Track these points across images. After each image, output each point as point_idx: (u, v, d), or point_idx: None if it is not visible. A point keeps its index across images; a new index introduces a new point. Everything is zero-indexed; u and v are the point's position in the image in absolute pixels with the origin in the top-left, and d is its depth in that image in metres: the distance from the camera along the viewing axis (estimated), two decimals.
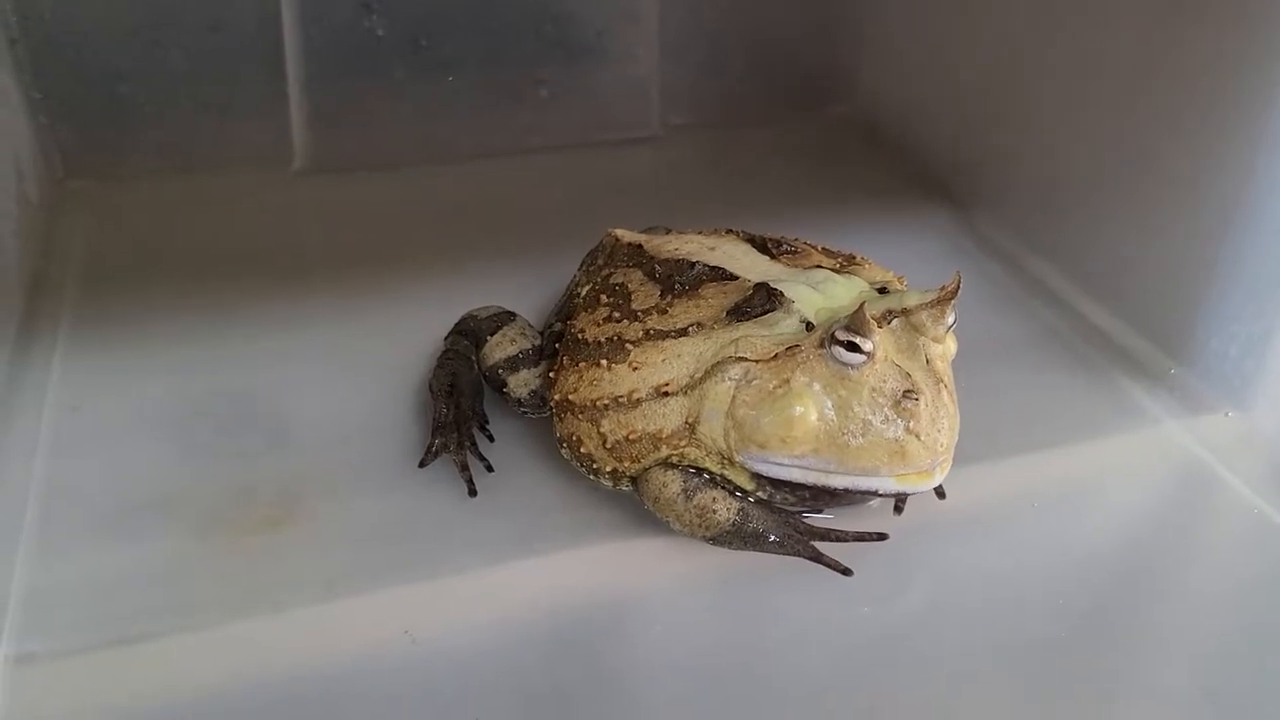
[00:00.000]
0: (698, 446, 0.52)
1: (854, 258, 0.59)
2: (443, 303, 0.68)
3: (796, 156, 0.98)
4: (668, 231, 0.67)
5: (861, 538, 0.53)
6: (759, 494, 0.52)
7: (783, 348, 0.50)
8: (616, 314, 0.56)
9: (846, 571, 0.52)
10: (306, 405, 0.64)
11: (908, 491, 0.50)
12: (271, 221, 0.84)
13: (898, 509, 0.56)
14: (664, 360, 0.52)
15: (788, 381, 0.49)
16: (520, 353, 0.61)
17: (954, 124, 0.89)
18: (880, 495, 0.51)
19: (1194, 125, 0.64)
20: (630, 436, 0.52)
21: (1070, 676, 0.50)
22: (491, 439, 0.60)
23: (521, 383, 0.60)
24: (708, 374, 0.51)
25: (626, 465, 0.53)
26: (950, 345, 0.52)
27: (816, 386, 0.49)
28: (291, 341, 0.70)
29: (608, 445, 0.53)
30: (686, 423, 0.51)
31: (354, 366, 0.67)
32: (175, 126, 0.87)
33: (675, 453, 0.52)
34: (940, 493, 0.57)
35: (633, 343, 0.53)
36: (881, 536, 0.53)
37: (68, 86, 0.83)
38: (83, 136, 0.86)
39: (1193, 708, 0.49)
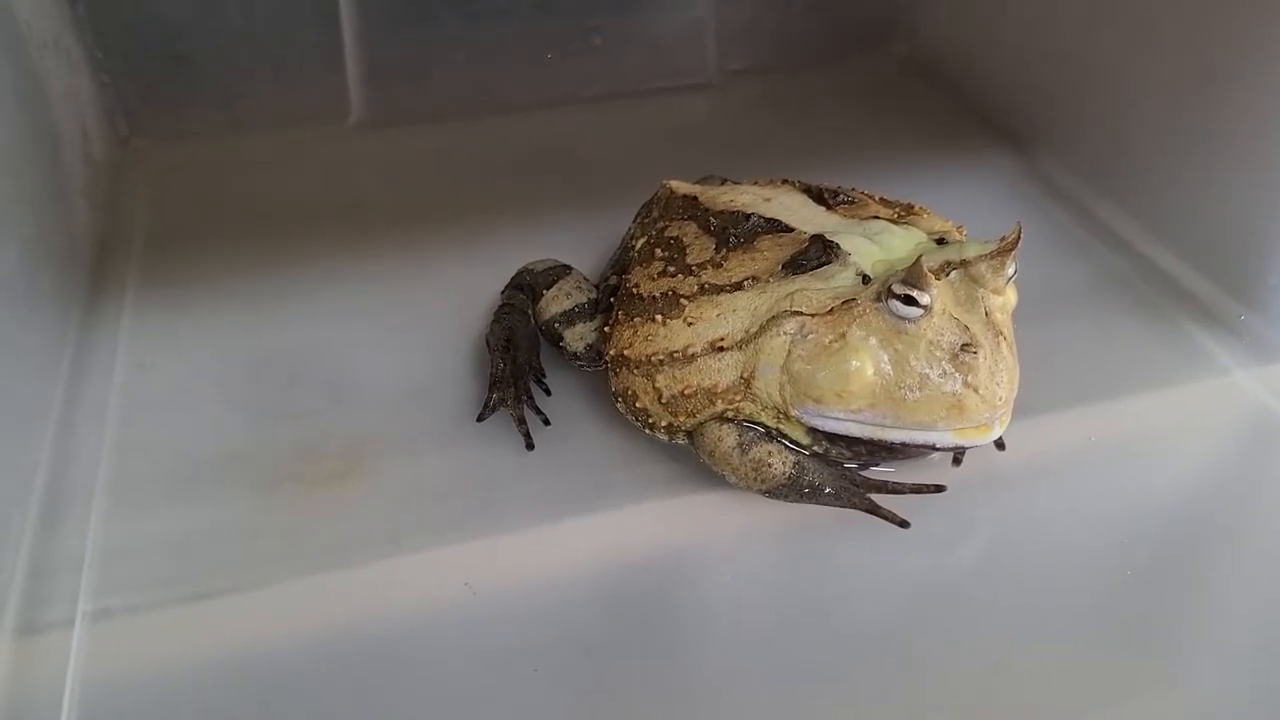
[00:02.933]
0: (753, 401, 0.52)
1: (912, 207, 0.58)
2: (501, 256, 0.69)
3: (856, 99, 0.96)
4: (723, 182, 0.67)
5: (919, 490, 0.53)
6: (815, 448, 0.52)
7: (838, 301, 0.49)
8: (671, 268, 0.55)
9: (904, 524, 0.52)
10: (367, 361, 0.65)
11: (966, 445, 0.50)
12: (330, 176, 0.84)
13: (956, 461, 0.56)
14: (719, 315, 0.52)
15: (844, 336, 0.49)
16: (576, 306, 0.61)
17: (1017, 63, 0.87)
18: (938, 449, 0.51)
19: (1264, 63, 0.62)
20: (685, 391, 0.52)
21: (1128, 628, 0.50)
22: (548, 393, 0.60)
23: (577, 336, 0.60)
24: (763, 329, 0.51)
25: (682, 420, 0.53)
26: (1011, 297, 0.51)
27: (873, 340, 0.48)
28: (351, 297, 0.70)
29: (663, 400, 0.53)
30: (742, 377, 0.51)
31: (414, 322, 0.68)
32: (234, 83, 0.88)
33: (730, 407, 0.52)
34: (1000, 444, 0.57)
35: (687, 297, 0.53)
36: (939, 489, 0.53)
37: (128, 45, 0.84)
38: (145, 95, 0.87)
39: (1252, 663, 0.48)
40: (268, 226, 0.78)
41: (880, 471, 0.54)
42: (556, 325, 0.61)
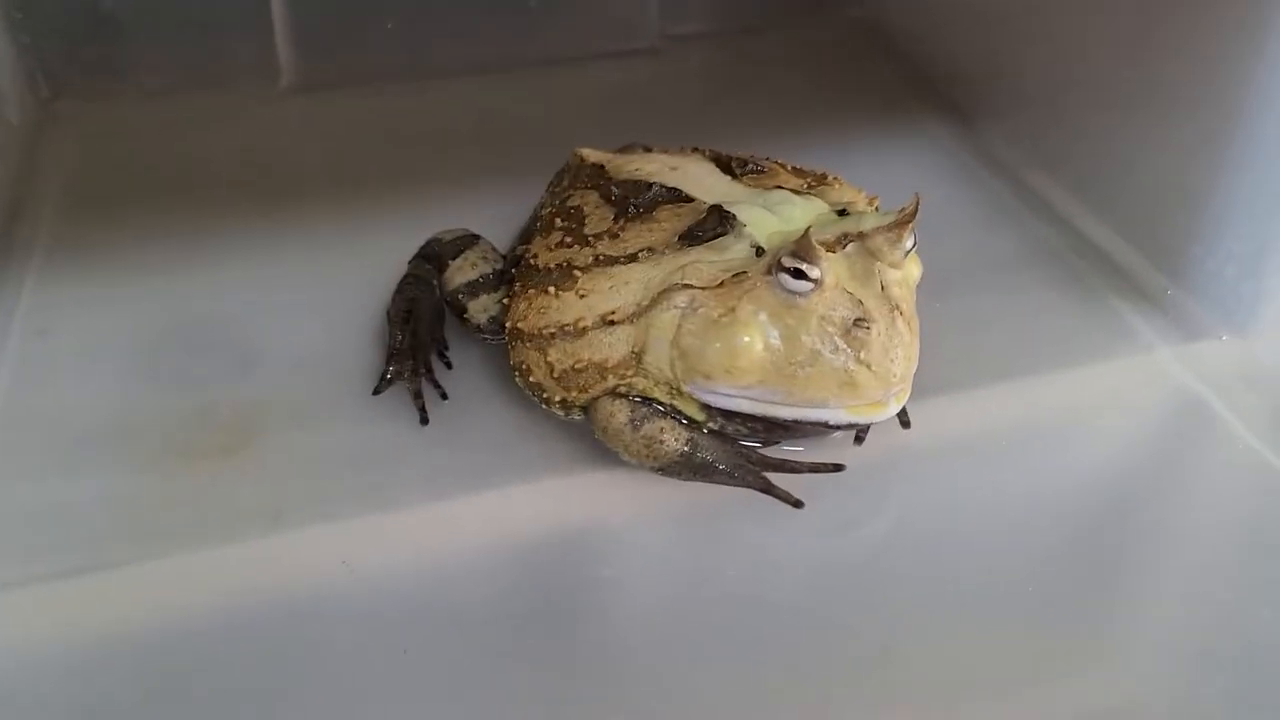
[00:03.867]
0: (645, 376, 0.50)
1: (825, 177, 0.57)
2: (424, 225, 0.66)
3: (802, 65, 0.94)
4: (648, 150, 0.65)
5: (817, 469, 0.51)
6: (710, 425, 0.51)
7: (729, 275, 0.48)
8: (569, 239, 0.54)
9: (798, 504, 0.51)
10: (275, 331, 0.63)
11: (860, 423, 0.49)
12: (257, 142, 0.82)
13: (858, 439, 0.54)
14: (611, 287, 0.50)
15: (733, 310, 0.47)
16: (481, 277, 0.59)
17: (963, 34, 0.85)
18: (832, 426, 0.49)
19: (1196, 40, 0.60)
20: (577, 366, 0.51)
21: (1036, 607, 0.48)
22: (449, 366, 0.59)
23: (481, 308, 0.59)
24: (654, 302, 0.49)
25: (574, 395, 0.52)
26: (913, 270, 0.50)
27: (763, 315, 0.47)
28: (266, 266, 0.69)
29: (555, 374, 0.52)
30: (633, 352, 0.50)
31: (328, 291, 0.66)
32: (162, 45, 0.86)
33: (623, 382, 0.51)
34: (904, 422, 0.55)
35: (581, 269, 0.52)
36: (838, 468, 0.52)
37: (49, 5, 0.82)
38: (68, 56, 0.85)
39: (1167, 647, 0.48)
40: (188, 192, 0.76)
41: (781, 450, 0.53)
42: (461, 296, 0.59)
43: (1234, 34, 0.57)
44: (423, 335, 0.58)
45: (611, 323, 0.50)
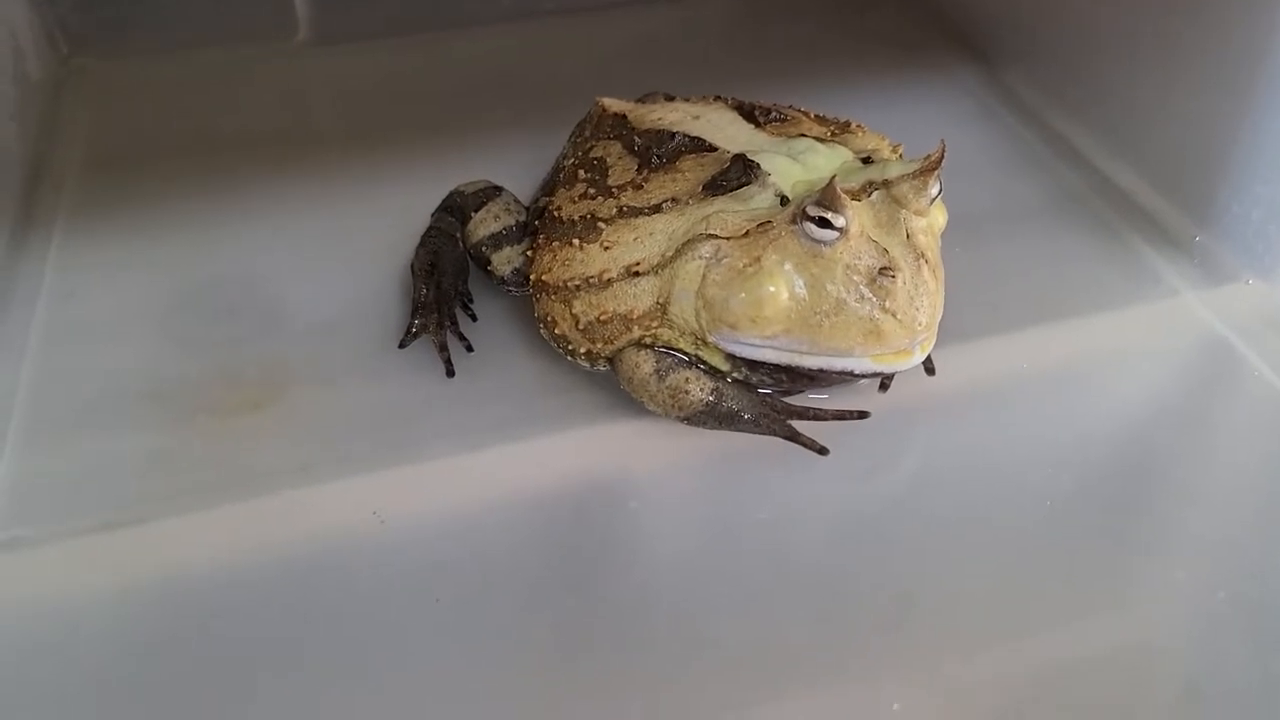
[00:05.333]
0: (670, 327, 0.50)
1: (849, 125, 0.56)
2: (445, 178, 0.66)
3: (826, 12, 0.93)
4: (670, 99, 0.65)
5: (842, 416, 0.51)
6: (735, 375, 0.51)
7: (754, 224, 0.48)
8: (592, 190, 0.54)
9: (823, 451, 0.51)
10: (299, 288, 0.63)
11: (886, 371, 0.49)
12: (275, 97, 0.82)
13: (883, 387, 0.55)
14: (636, 239, 0.50)
15: (759, 260, 0.47)
16: (504, 229, 0.59)
17: None
18: (857, 375, 0.49)
19: None
20: (602, 318, 0.51)
21: (1060, 553, 0.49)
22: (474, 318, 0.59)
23: (505, 260, 0.59)
24: (679, 252, 0.49)
25: (600, 346, 0.52)
26: (938, 217, 0.50)
27: (788, 265, 0.47)
28: (290, 222, 0.69)
29: (580, 326, 0.52)
30: (658, 303, 0.50)
31: (351, 247, 0.66)
32: (179, 1, 0.85)
33: (648, 334, 0.51)
34: (930, 369, 0.55)
35: (605, 220, 0.51)
36: (863, 415, 0.52)
37: None
38: (86, 13, 0.85)
39: (1193, 589, 0.48)
40: (208, 148, 0.76)
41: (806, 398, 0.53)
42: (484, 249, 0.59)
43: None
44: (447, 288, 0.58)
45: (636, 274, 0.50)
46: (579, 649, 0.45)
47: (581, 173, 0.55)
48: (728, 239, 0.48)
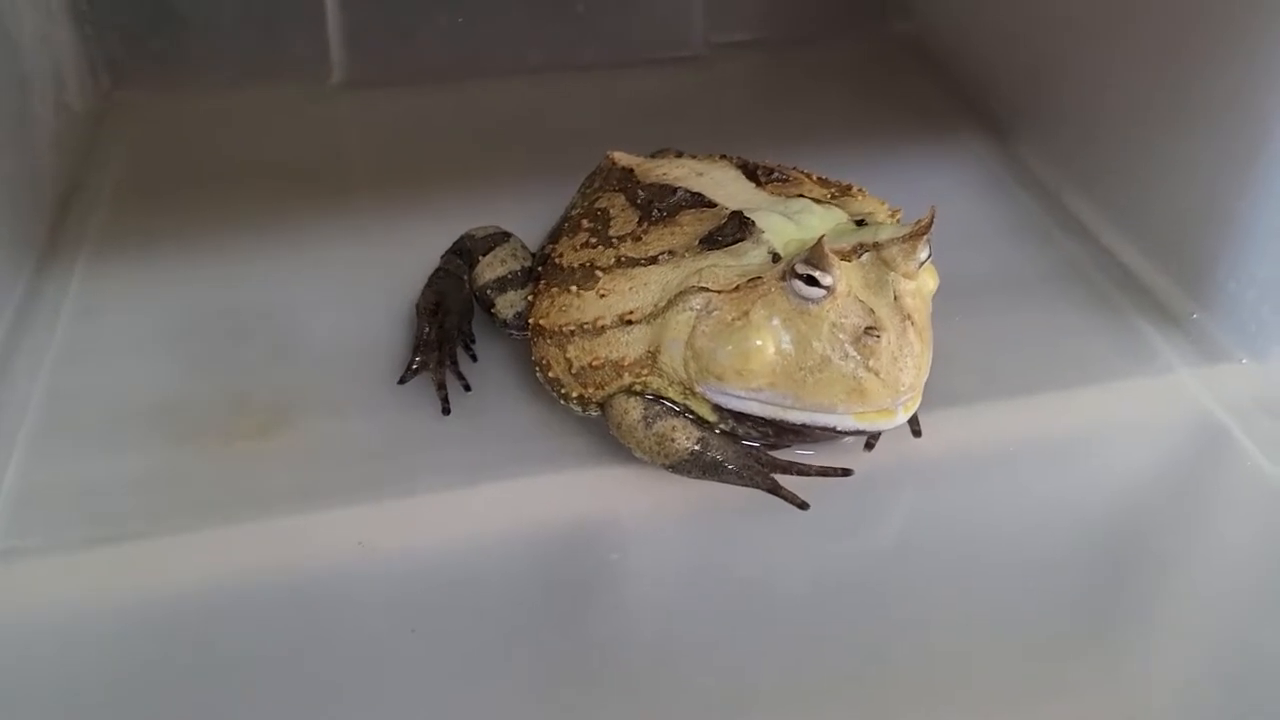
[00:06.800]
0: (660, 376, 0.51)
1: (849, 188, 0.58)
2: (459, 221, 0.68)
3: (844, 77, 0.94)
4: (679, 155, 0.66)
5: (825, 472, 0.52)
6: (721, 426, 0.52)
7: (745, 279, 0.49)
8: (593, 239, 0.55)
9: (804, 506, 0.52)
10: (313, 320, 0.65)
11: (868, 429, 0.50)
12: (307, 136, 0.85)
13: (869, 445, 0.55)
14: (631, 288, 0.52)
15: (747, 314, 0.48)
16: (510, 274, 0.61)
17: (1004, 50, 0.85)
18: (840, 432, 0.50)
19: (1229, 64, 0.60)
20: (594, 363, 0.52)
21: (1038, 628, 0.49)
22: (474, 359, 0.60)
23: (508, 304, 0.60)
24: (670, 303, 0.50)
25: (591, 391, 0.53)
26: (928, 281, 0.51)
27: (775, 320, 0.48)
28: (310, 256, 0.71)
29: (573, 370, 0.53)
30: (649, 351, 0.51)
31: (367, 283, 0.68)
32: (220, 39, 0.89)
33: (638, 381, 0.52)
34: (916, 431, 0.56)
35: (603, 269, 0.53)
36: (846, 472, 0.52)
37: None
38: (130, 48, 0.88)
39: (1182, 672, 0.48)
40: (238, 183, 0.78)
41: (792, 452, 0.54)
42: (489, 291, 0.61)
43: (1265, 60, 0.57)
44: (449, 327, 0.60)
45: (629, 322, 0.51)
46: (553, 686, 0.46)
47: (585, 222, 0.57)
48: (718, 292, 0.49)
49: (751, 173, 0.58)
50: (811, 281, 0.47)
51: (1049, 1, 0.79)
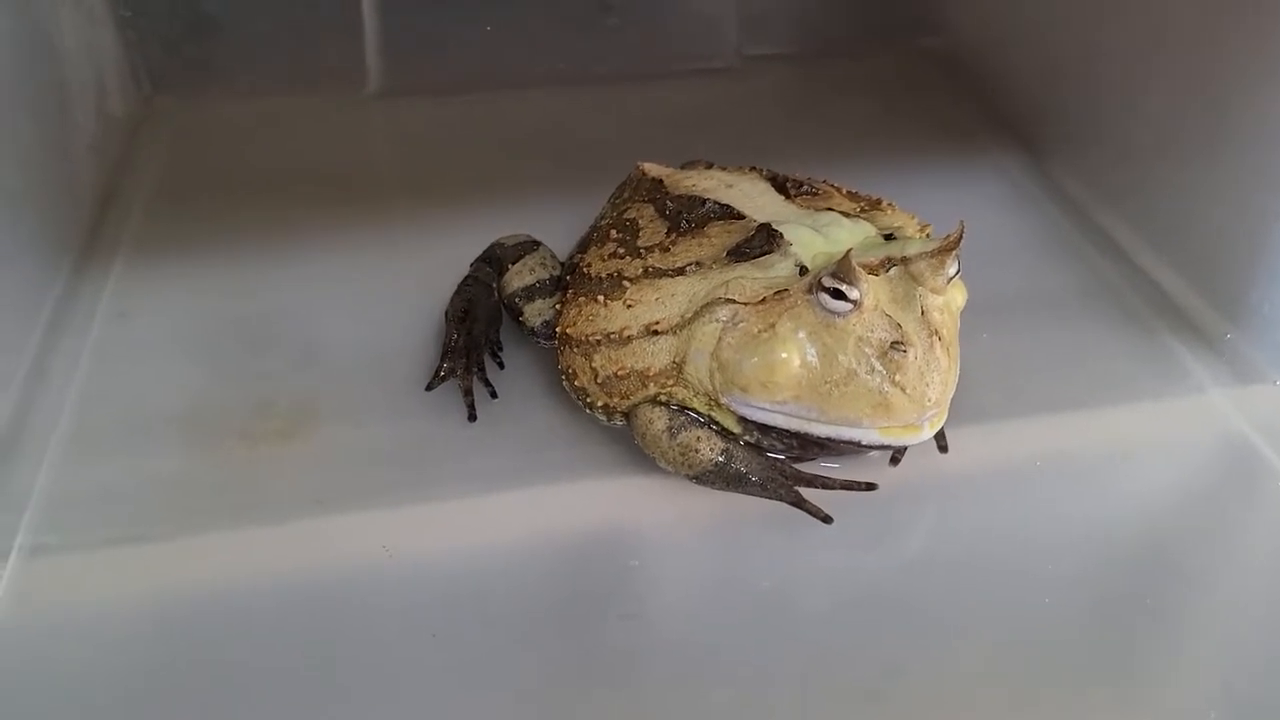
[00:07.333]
0: (685, 386, 0.52)
1: (879, 202, 0.58)
2: (489, 230, 0.68)
3: (875, 91, 0.94)
4: (709, 166, 0.67)
5: (850, 486, 0.52)
6: (746, 438, 0.52)
7: (772, 291, 0.49)
8: (621, 250, 0.56)
9: (827, 519, 0.51)
10: (340, 327, 0.66)
11: (893, 444, 0.49)
12: (342, 145, 0.86)
13: (894, 460, 0.55)
14: (658, 299, 0.52)
15: (773, 326, 0.48)
16: (538, 282, 0.61)
17: (1036, 65, 0.85)
18: (865, 446, 0.50)
19: (1264, 83, 0.60)
20: (620, 373, 0.52)
21: (1061, 649, 0.48)
22: (501, 366, 0.61)
23: (536, 312, 0.60)
24: (697, 314, 0.50)
25: (616, 401, 0.53)
26: (956, 296, 0.50)
27: (801, 333, 0.48)
28: (337, 264, 0.71)
29: (599, 380, 0.53)
30: (674, 362, 0.51)
31: (393, 290, 0.69)
32: (258, 48, 0.90)
33: (663, 391, 0.52)
34: (942, 446, 0.56)
35: (631, 280, 0.53)
36: (871, 487, 0.52)
37: (155, 5, 0.86)
38: (170, 55, 0.89)
39: (1206, 695, 0.47)
40: (272, 189, 0.80)
41: (816, 466, 0.54)
42: (518, 300, 0.61)
43: None
44: (477, 335, 0.60)
45: (655, 332, 0.51)
46: (572, 694, 0.46)
47: (614, 232, 0.57)
48: (745, 304, 0.49)
49: (781, 186, 0.58)
50: (838, 295, 0.47)
51: (1081, 18, 0.78)
